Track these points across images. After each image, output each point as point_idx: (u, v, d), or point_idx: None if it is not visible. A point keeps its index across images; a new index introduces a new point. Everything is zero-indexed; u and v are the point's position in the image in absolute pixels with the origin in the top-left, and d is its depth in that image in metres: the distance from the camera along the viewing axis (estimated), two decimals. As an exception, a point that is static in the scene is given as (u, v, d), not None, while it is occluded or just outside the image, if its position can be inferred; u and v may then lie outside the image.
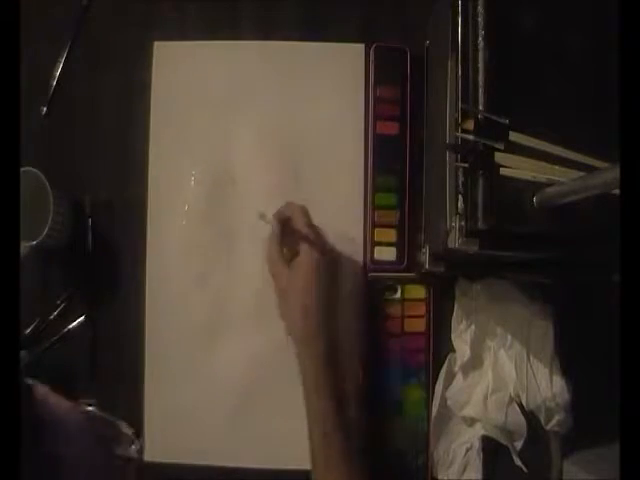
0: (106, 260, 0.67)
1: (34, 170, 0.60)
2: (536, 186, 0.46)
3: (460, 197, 0.47)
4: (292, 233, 0.59)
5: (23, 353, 0.64)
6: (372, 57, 0.66)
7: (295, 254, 0.58)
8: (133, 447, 0.63)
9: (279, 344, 0.64)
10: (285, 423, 0.63)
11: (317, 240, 0.58)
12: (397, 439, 0.63)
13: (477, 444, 0.60)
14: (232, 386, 0.65)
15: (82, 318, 0.66)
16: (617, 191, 0.36)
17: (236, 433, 0.64)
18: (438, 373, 0.63)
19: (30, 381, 0.59)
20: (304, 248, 0.57)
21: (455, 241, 0.47)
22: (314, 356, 0.55)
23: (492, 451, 0.61)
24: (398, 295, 0.65)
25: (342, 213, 0.66)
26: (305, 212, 0.60)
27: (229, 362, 0.65)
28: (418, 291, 0.65)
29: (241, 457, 0.64)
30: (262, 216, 0.61)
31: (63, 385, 0.65)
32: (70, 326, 0.66)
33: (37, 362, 0.65)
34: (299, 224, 0.58)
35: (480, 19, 0.49)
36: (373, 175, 0.66)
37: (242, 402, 0.64)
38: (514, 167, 0.47)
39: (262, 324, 0.65)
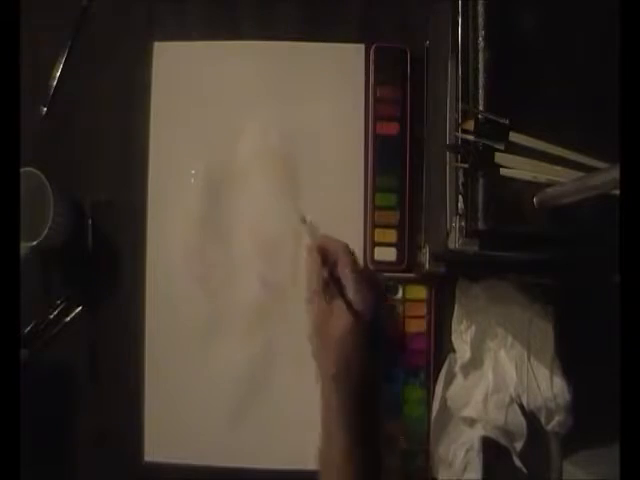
0: (106, 260, 0.67)
1: (34, 170, 0.60)
2: (536, 186, 0.46)
3: (460, 197, 0.47)
4: (334, 270, 0.55)
5: (23, 351, 0.64)
6: (372, 57, 0.66)
7: (337, 294, 0.55)
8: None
9: (279, 344, 0.64)
10: (284, 423, 0.64)
11: (363, 288, 0.55)
12: (397, 439, 0.63)
13: (477, 445, 0.60)
14: (232, 386, 0.65)
15: (79, 309, 0.66)
16: (617, 191, 0.36)
17: (236, 433, 0.64)
18: (438, 373, 0.63)
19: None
20: (350, 296, 0.54)
21: (455, 242, 0.47)
22: (341, 395, 0.53)
23: (492, 452, 0.61)
24: (399, 296, 0.65)
25: (342, 213, 0.66)
26: (349, 251, 0.56)
27: (229, 362, 0.65)
28: (419, 292, 0.65)
29: (241, 457, 0.64)
30: (303, 220, 0.58)
31: (63, 385, 0.66)
32: (68, 318, 0.66)
33: (37, 362, 0.65)
34: (346, 267, 0.55)
35: (480, 19, 0.49)
36: (373, 175, 0.66)
37: (242, 402, 0.64)
38: (514, 167, 0.47)
39: (262, 324, 0.65)
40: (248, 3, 0.68)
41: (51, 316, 0.66)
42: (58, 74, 0.68)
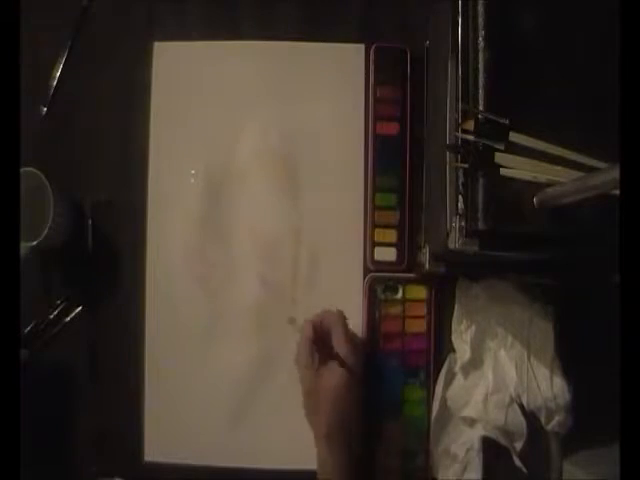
0: (106, 260, 0.67)
1: (34, 170, 0.60)
2: (536, 186, 0.46)
3: (460, 197, 0.47)
4: (325, 337, 0.58)
5: (23, 351, 0.64)
6: (372, 57, 0.66)
7: (326, 360, 0.57)
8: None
9: (279, 344, 0.64)
10: (284, 423, 0.63)
11: (351, 354, 0.57)
12: (397, 439, 0.63)
13: (477, 444, 0.60)
14: (232, 386, 0.65)
15: (80, 309, 0.66)
16: (617, 191, 0.36)
17: (236, 433, 0.64)
18: (438, 373, 0.63)
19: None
20: (338, 362, 0.56)
21: (455, 242, 0.47)
22: (335, 453, 0.55)
23: (492, 452, 0.60)
24: (399, 295, 0.65)
25: (342, 213, 0.66)
26: (342, 322, 0.59)
27: (229, 362, 0.65)
28: (419, 292, 0.65)
29: (241, 457, 0.64)
30: (292, 321, 0.60)
31: (63, 385, 0.65)
32: (68, 318, 0.66)
33: (37, 362, 0.65)
34: (335, 335, 0.58)
35: (480, 19, 0.49)
36: (373, 175, 0.66)
37: (242, 402, 0.64)
38: (514, 167, 0.47)
39: (262, 324, 0.65)
40: (248, 3, 0.68)
41: (51, 316, 0.66)
42: (58, 74, 0.68)
